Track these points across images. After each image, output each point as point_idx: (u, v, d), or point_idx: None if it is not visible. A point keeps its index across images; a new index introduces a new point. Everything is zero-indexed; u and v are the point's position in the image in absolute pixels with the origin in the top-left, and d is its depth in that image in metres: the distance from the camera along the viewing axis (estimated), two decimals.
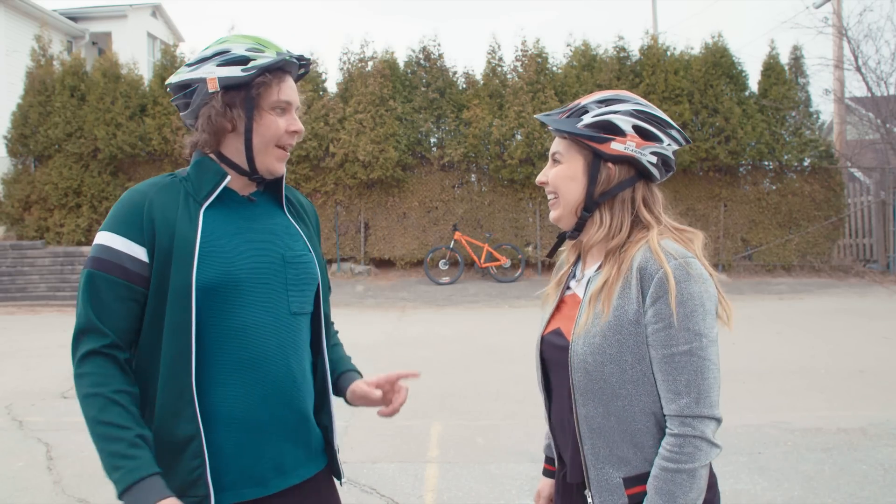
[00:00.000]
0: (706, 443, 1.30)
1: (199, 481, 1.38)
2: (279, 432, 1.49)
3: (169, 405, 1.38)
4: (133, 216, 1.41)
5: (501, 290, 12.34)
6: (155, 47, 21.42)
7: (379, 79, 13.27)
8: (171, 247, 1.39)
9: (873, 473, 3.90)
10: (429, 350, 7.67)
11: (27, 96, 13.62)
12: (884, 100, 13.87)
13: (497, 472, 4.03)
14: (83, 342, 1.38)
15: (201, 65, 1.47)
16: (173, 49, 14.61)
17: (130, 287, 1.39)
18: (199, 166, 1.50)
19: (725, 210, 13.54)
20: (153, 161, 13.74)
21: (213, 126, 1.46)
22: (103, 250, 1.40)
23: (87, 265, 1.41)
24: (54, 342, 8.43)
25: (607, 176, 1.42)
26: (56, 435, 4.79)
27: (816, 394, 5.63)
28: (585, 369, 1.38)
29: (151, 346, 1.41)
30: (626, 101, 1.43)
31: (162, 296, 1.39)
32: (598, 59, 13.68)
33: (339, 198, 13.56)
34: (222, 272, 1.42)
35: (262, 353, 1.46)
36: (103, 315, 1.38)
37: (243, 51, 1.46)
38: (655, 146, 1.41)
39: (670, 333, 1.31)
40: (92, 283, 1.39)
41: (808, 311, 10.05)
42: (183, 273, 1.38)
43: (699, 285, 1.33)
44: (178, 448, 1.38)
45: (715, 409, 1.31)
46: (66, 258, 12.67)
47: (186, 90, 1.48)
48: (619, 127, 1.40)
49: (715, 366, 1.33)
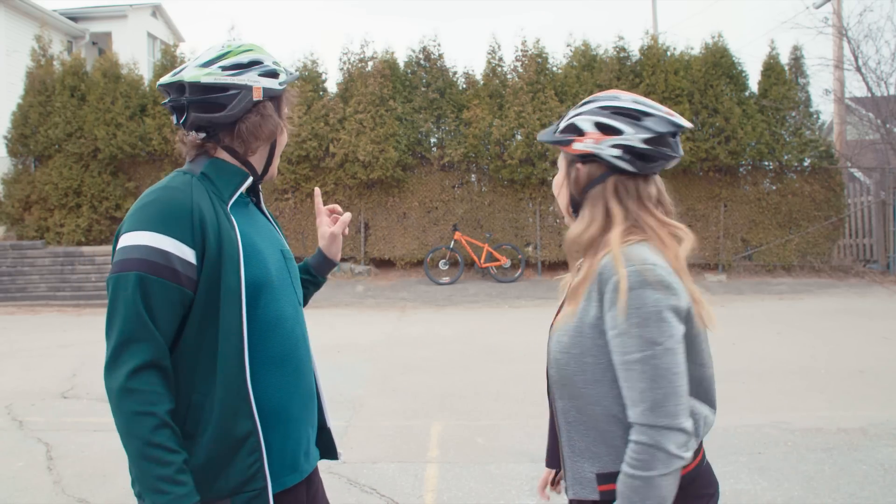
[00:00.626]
0: (662, 453, 1.28)
1: (257, 475, 1.42)
2: (308, 419, 1.58)
3: (228, 404, 1.40)
4: (182, 217, 1.39)
5: (501, 290, 12.34)
6: (155, 47, 21.43)
7: (379, 79, 13.27)
8: (220, 247, 1.40)
9: (873, 473, 3.90)
10: (429, 350, 7.67)
11: (27, 96, 13.61)
12: (884, 100, 13.86)
13: (497, 472, 4.03)
14: (134, 352, 1.33)
15: (241, 71, 1.50)
16: (173, 49, 14.60)
17: (182, 290, 1.38)
18: (216, 167, 1.52)
19: (725, 210, 13.54)
20: (153, 161, 13.74)
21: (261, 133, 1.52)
22: (152, 252, 1.36)
23: (131, 268, 1.36)
24: (54, 342, 8.43)
25: (576, 175, 1.47)
26: (56, 435, 4.79)
27: (816, 394, 5.63)
28: (557, 365, 1.42)
29: (204, 349, 1.40)
30: (596, 101, 1.47)
31: (213, 297, 1.40)
32: (598, 60, 13.68)
33: (339, 198, 13.55)
34: (261, 270, 1.48)
35: (294, 345, 1.53)
36: (156, 321, 1.35)
37: (271, 64, 1.54)
38: (615, 138, 1.41)
39: (624, 341, 1.32)
40: (143, 287, 1.35)
41: (808, 311, 10.05)
42: (233, 273, 1.41)
43: (654, 292, 1.30)
44: (237, 445, 1.40)
45: (674, 419, 1.29)
46: (66, 258, 12.67)
47: (223, 93, 1.48)
48: (579, 127, 1.45)
49: (673, 374, 1.31)
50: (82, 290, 12.14)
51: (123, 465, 4.40)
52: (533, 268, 13.64)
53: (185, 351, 1.40)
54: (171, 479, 1.30)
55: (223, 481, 1.39)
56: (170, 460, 1.31)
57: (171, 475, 1.30)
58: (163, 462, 1.30)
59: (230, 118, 1.49)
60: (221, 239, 1.41)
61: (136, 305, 1.34)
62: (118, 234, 1.44)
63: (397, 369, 6.72)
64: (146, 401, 1.31)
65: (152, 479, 1.30)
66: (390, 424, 4.99)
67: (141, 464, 1.31)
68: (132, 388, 1.31)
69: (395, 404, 5.51)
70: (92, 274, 12.43)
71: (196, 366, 1.40)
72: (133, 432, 1.31)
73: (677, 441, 1.30)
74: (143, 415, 1.31)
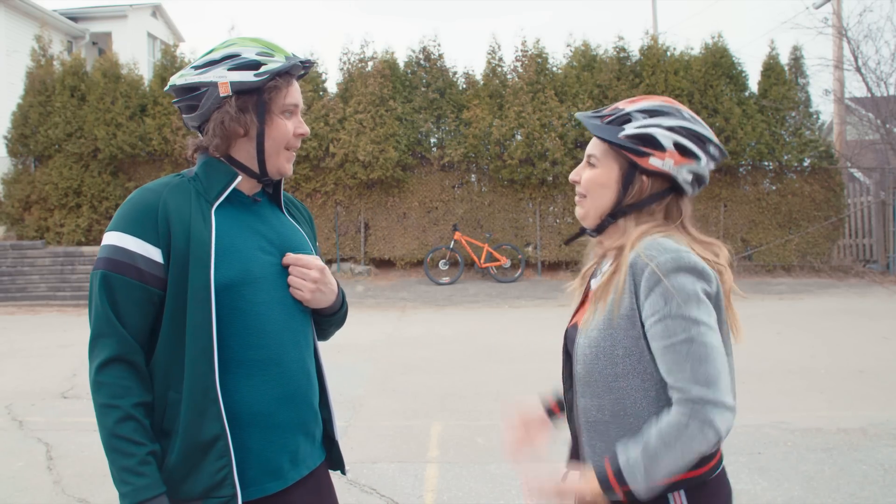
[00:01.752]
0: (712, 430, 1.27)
1: (225, 481, 1.40)
2: (296, 427, 1.53)
3: (194, 405, 1.39)
4: (146, 216, 1.40)
5: (501, 290, 12.34)
6: (155, 47, 21.42)
7: (379, 79, 13.27)
8: (187, 247, 1.40)
9: (873, 473, 3.90)
10: (429, 350, 7.67)
11: (27, 96, 13.61)
12: (884, 100, 13.86)
13: (497, 472, 4.03)
14: (101, 347, 1.37)
15: (210, 68, 1.46)
16: (173, 49, 14.60)
17: (146, 288, 1.39)
18: (208, 166, 1.51)
19: (725, 210, 13.54)
20: (153, 161, 13.74)
21: (225, 130, 1.46)
22: (115, 251, 1.39)
23: (98, 266, 1.40)
24: (54, 342, 8.43)
25: (640, 188, 1.43)
26: (56, 435, 4.79)
27: (816, 394, 5.63)
28: (584, 361, 1.41)
29: (172, 347, 1.41)
30: (671, 115, 1.42)
31: (181, 296, 1.40)
32: (598, 60, 13.68)
33: (339, 198, 13.56)
34: (239, 270, 1.44)
35: (281, 349, 1.49)
36: (121, 318, 1.38)
37: (254, 55, 1.46)
38: (693, 164, 1.41)
39: (667, 324, 1.31)
40: (107, 284, 1.38)
41: (808, 311, 10.05)
42: (201, 273, 1.39)
43: (690, 276, 1.32)
44: (205, 448, 1.39)
45: (726, 395, 1.29)
46: (66, 258, 12.67)
47: (193, 93, 1.47)
48: (659, 142, 1.39)
49: (719, 352, 1.32)
50: (82, 290, 12.13)
51: None
52: (533, 268, 13.64)
53: (161, 348, 1.42)
54: (132, 470, 1.33)
55: (191, 484, 1.39)
56: (132, 452, 1.33)
57: (132, 466, 1.33)
58: (126, 453, 1.33)
59: (202, 117, 1.48)
60: (190, 239, 1.40)
61: (102, 302, 1.38)
62: None
63: (397, 369, 6.72)
64: (111, 394, 1.35)
65: (117, 469, 1.34)
66: (390, 424, 4.99)
67: (108, 454, 1.36)
68: (100, 381, 1.37)
69: (395, 404, 5.51)
70: None
71: (170, 363, 1.41)
72: (101, 423, 1.35)
73: (728, 421, 1.30)
74: (108, 407, 1.35)
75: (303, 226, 1.68)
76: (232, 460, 1.40)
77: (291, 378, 1.51)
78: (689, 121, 1.42)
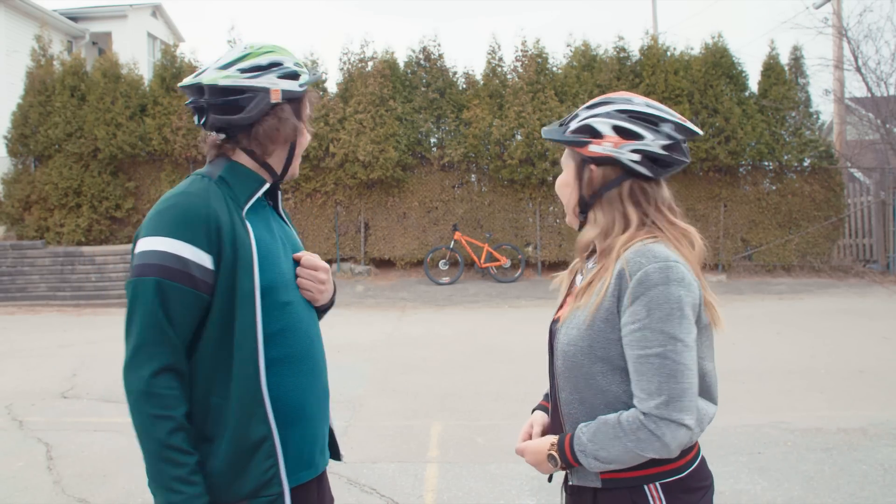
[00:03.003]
0: (660, 443, 1.33)
1: (273, 480, 1.44)
2: (324, 417, 1.61)
3: (243, 408, 1.42)
4: (198, 223, 1.41)
5: (501, 290, 12.34)
6: (155, 47, 21.42)
7: (379, 79, 13.27)
8: (234, 252, 1.43)
9: (873, 473, 3.91)
10: (429, 350, 7.67)
11: (27, 96, 13.60)
12: (884, 100, 13.86)
13: (497, 472, 4.03)
14: (151, 356, 1.37)
15: (260, 73, 1.50)
16: (173, 49, 14.59)
17: (198, 295, 1.40)
18: (235, 171, 1.54)
19: (725, 210, 13.54)
20: (153, 161, 13.74)
21: (276, 136, 1.52)
22: (169, 258, 1.38)
23: (148, 273, 1.38)
24: (54, 342, 8.43)
25: (590, 177, 1.48)
26: (56, 435, 4.79)
27: (816, 394, 5.63)
28: (564, 358, 1.45)
29: (218, 352, 1.43)
30: (612, 103, 1.47)
31: (229, 301, 1.42)
32: (598, 60, 13.68)
33: (339, 198, 13.56)
34: (276, 273, 1.50)
35: (309, 346, 1.56)
36: (174, 326, 1.38)
37: (292, 65, 1.53)
38: (636, 143, 1.43)
39: (645, 335, 1.34)
40: (161, 292, 1.37)
41: (808, 311, 10.04)
42: (248, 278, 1.43)
43: (678, 289, 1.34)
44: (253, 449, 1.43)
45: (685, 414, 1.33)
46: (66, 258, 12.67)
47: (240, 95, 1.49)
48: (596, 129, 1.45)
49: (690, 371, 1.34)
50: (82, 290, 12.13)
51: (123, 465, 4.41)
52: (533, 268, 13.64)
53: (204, 354, 1.43)
54: (184, 479, 1.35)
55: (240, 485, 1.42)
56: (184, 461, 1.35)
57: (184, 476, 1.35)
58: (178, 463, 1.35)
59: (247, 120, 1.50)
60: (236, 244, 1.43)
61: (155, 310, 1.37)
62: (136, 238, 1.46)
63: (397, 369, 6.72)
64: (164, 405, 1.36)
65: (167, 479, 1.35)
66: (390, 424, 4.99)
67: (157, 464, 1.35)
68: (152, 391, 1.36)
69: (395, 404, 5.51)
70: (92, 274, 12.43)
71: (214, 369, 1.43)
72: (151, 434, 1.35)
73: (681, 438, 1.34)
74: (161, 418, 1.35)
75: (292, 227, 1.73)
76: (279, 459, 1.45)
77: (320, 371, 1.59)
78: (637, 105, 1.45)
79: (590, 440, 1.39)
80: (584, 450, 1.40)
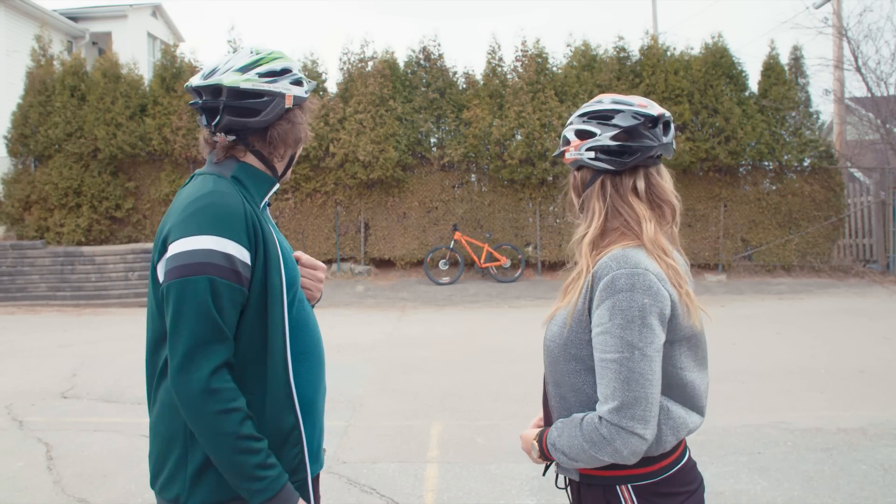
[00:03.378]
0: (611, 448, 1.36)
1: (299, 466, 1.51)
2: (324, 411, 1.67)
3: (277, 400, 1.48)
4: (239, 221, 1.46)
5: (501, 290, 12.34)
6: (155, 47, 21.42)
7: (379, 79, 13.27)
8: (266, 249, 1.48)
9: (873, 473, 3.91)
10: (429, 350, 7.67)
11: (27, 96, 13.60)
12: (884, 100, 13.86)
13: (497, 472, 4.03)
14: (210, 354, 1.39)
15: (276, 79, 1.55)
16: (173, 49, 14.58)
17: (243, 291, 1.45)
18: (248, 172, 1.58)
19: (725, 210, 13.54)
20: (153, 161, 13.74)
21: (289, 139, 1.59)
22: (217, 256, 1.41)
23: (199, 272, 1.39)
24: (54, 342, 8.43)
25: (574, 182, 1.58)
26: (56, 435, 4.79)
27: (816, 394, 5.63)
28: (547, 353, 1.52)
29: (257, 346, 1.48)
30: (580, 109, 1.56)
31: (263, 296, 1.47)
32: (598, 60, 13.67)
33: (339, 198, 13.56)
34: (294, 269, 1.58)
35: (317, 339, 1.63)
36: (227, 323, 1.42)
37: (298, 72, 1.60)
38: (589, 142, 1.50)
39: (605, 339, 1.37)
40: (215, 290, 1.40)
41: (808, 311, 10.04)
42: (277, 273, 1.49)
43: (643, 297, 1.35)
44: (284, 438, 1.49)
45: (638, 424, 1.34)
46: (66, 258, 12.67)
47: (258, 99, 1.53)
48: (567, 137, 1.55)
49: (647, 380, 1.35)
50: (82, 290, 12.13)
51: (123, 465, 4.40)
52: (533, 268, 13.64)
53: (246, 348, 1.47)
54: (264, 464, 1.40)
55: None
56: (259, 448, 1.40)
57: (263, 461, 1.40)
58: (254, 451, 1.39)
59: (263, 124, 1.55)
60: (266, 241, 1.49)
61: (209, 308, 1.39)
62: (165, 241, 1.45)
63: (397, 369, 6.72)
64: (228, 398, 1.39)
65: (249, 468, 1.38)
66: (390, 424, 4.99)
67: (235, 458, 1.38)
68: (214, 388, 1.37)
69: (395, 404, 5.51)
70: (92, 274, 12.43)
71: (247, 364, 1.47)
72: (222, 430, 1.37)
73: (633, 446, 1.36)
74: (229, 412, 1.38)
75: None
76: (304, 446, 1.51)
77: (323, 364, 1.64)
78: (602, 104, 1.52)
79: (559, 436, 1.45)
80: (554, 444, 1.46)
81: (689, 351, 1.47)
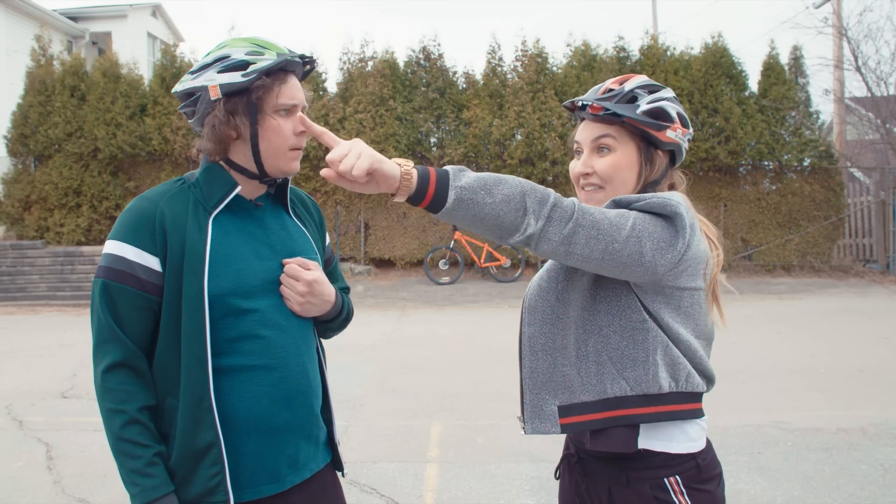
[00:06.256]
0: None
1: (218, 488, 1.41)
2: (296, 431, 1.52)
3: (190, 413, 1.41)
4: (144, 226, 1.42)
5: (501, 290, 12.34)
6: (155, 47, 21.43)
7: (379, 79, 13.27)
8: (182, 256, 1.41)
9: (873, 473, 3.90)
10: (429, 350, 7.67)
11: (27, 96, 13.60)
12: (884, 100, 13.86)
13: (497, 471, 4.03)
14: (104, 353, 1.41)
15: (203, 72, 1.45)
16: (173, 49, 14.59)
17: (145, 297, 1.42)
18: (209, 174, 1.50)
19: (725, 210, 13.54)
20: (153, 161, 13.74)
21: (217, 135, 1.45)
22: (115, 260, 1.42)
23: (98, 275, 1.43)
24: (54, 342, 8.43)
25: (659, 163, 1.44)
26: (56, 435, 4.79)
27: (816, 394, 5.63)
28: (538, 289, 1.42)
29: (169, 355, 1.43)
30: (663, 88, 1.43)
31: (176, 305, 1.41)
32: (598, 59, 13.68)
33: (339, 198, 13.56)
34: (234, 280, 1.44)
35: (281, 355, 1.49)
36: (122, 325, 1.41)
37: (243, 55, 1.43)
38: (690, 132, 1.44)
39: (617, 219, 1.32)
40: (107, 293, 1.41)
41: (808, 311, 10.04)
42: (195, 282, 1.40)
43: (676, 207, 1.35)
44: (199, 455, 1.41)
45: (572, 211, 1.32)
46: (66, 258, 12.67)
47: (191, 98, 1.47)
48: (670, 114, 1.40)
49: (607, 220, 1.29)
50: (82, 290, 12.13)
51: None
52: (533, 267, 13.63)
53: (159, 354, 1.44)
54: (140, 471, 1.37)
55: (185, 489, 1.41)
56: (139, 454, 1.37)
57: (140, 468, 1.37)
58: (133, 456, 1.37)
59: (199, 122, 1.47)
60: (185, 248, 1.41)
61: (103, 310, 1.41)
62: None
63: (397, 369, 6.72)
64: (116, 399, 1.39)
65: (126, 472, 1.38)
66: (390, 424, 4.99)
67: (116, 458, 1.40)
68: (106, 386, 1.40)
69: (395, 404, 5.51)
70: (92, 274, 12.43)
71: (167, 370, 1.43)
72: (109, 427, 1.40)
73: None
74: (114, 412, 1.38)
75: (308, 227, 1.66)
76: (225, 467, 1.41)
77: (291, 382, 1.50)
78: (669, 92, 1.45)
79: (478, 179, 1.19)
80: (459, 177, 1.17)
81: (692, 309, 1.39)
